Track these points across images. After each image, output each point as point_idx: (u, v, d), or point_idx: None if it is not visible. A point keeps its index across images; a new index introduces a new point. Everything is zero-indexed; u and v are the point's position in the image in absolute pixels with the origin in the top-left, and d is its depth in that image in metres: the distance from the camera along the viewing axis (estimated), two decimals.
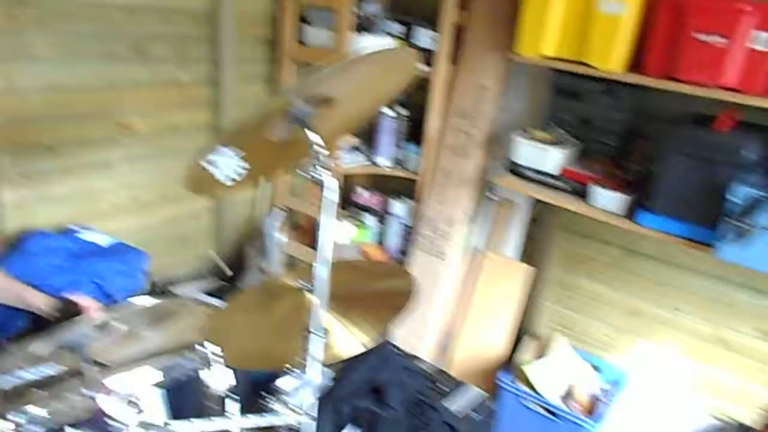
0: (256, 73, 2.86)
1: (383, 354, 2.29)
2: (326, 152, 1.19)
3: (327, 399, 2.18)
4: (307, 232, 3.00)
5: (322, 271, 1.25)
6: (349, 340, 1.43)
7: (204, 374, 1.37)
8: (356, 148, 2.76)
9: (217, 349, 1.35)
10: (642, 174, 2.22)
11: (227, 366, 1.35)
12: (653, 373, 2.66)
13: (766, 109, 1.90)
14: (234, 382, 1.37)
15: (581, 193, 2.30)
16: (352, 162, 2.72)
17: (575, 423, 2.42)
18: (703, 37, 1.90)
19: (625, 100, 2.29)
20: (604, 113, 2.35)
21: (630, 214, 2.18)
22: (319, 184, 1.19)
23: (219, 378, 1.36)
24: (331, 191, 1.20)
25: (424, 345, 2.79)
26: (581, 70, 2.16)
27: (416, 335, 2.82)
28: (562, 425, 2.44)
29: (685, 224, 2.05)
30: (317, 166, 1.18)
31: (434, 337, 2.81)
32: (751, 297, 2.40)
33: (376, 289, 1.68)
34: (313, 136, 1.20)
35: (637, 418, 2.50)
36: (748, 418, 2.47)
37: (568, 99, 2.41)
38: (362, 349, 1.38)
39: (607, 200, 2.21)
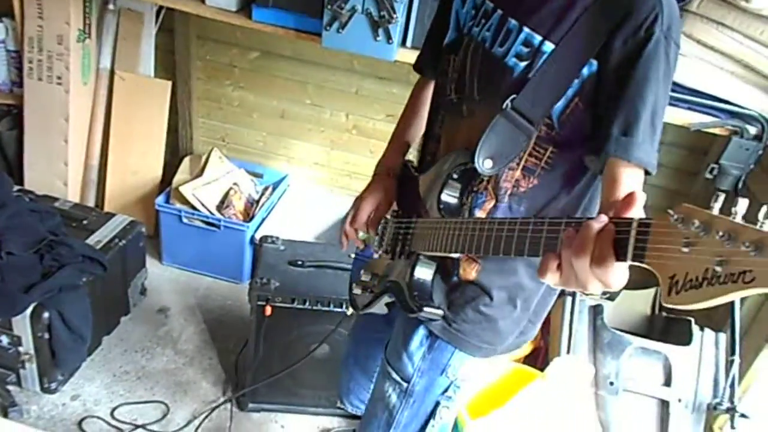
0: None
1: None
2: None
3: None
4: None
5: None
6: None
7: None
8: None
9: None
10: None
11: None
12: (305, 170, 2.83)
13: None
14: None
15: None
16: None
17: (234, 229, 2.50)
18: None
19: None
20: None
21: (245, 10, 2.10)
22: None
23: None
24: None
25: (68, 184, 2.54)
26: None
27: (56, 175, 2.54)
28: (221, 233, 2.50)
29: (295, 16, 2.05)
30: None
31: (77, 173, 2.56)
32: (376, 85, 2.59)
33: None
34: None
35: (292, 213, 2.67)
36: None
37: None
38: None
39: None
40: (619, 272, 0.72)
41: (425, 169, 1.23)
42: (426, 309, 1.10)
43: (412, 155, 1.40)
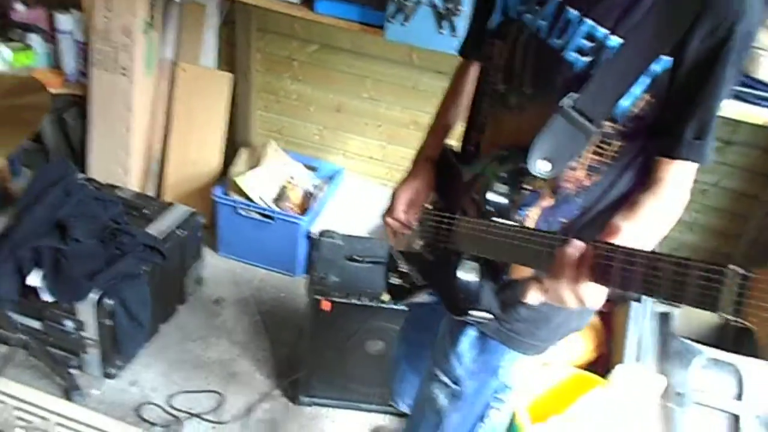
0: None
1: (66, 188, 2.05)
2: None
3: (2, 248, 1.93)
4: None
5: None
6: None
7: None
8: None
9: None
10: None
11: None
12: (361, 164, 2.81)
13: None
14: None
15: None
16: None
17: (289, 222, 2.50)
18: None
19: None
20: None
21: (308, 2, 2.09)
22: None
23: None
24: None
25: (129, 173, 2.59)
26: None
27: (118, 164, 2.59)
28: (277, 226, 2.51)
29: (358, 7, 2.03)
30: None
31: (138, 162, 2.60)
32: (435, 79, 2.55)
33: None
34: None
35: (347, 208, 2.66)
36: None
37: None
38: None
39: None
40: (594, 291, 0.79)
41: (468, 160, 1.17)
42: (472, 312, 1.04)
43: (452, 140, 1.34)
